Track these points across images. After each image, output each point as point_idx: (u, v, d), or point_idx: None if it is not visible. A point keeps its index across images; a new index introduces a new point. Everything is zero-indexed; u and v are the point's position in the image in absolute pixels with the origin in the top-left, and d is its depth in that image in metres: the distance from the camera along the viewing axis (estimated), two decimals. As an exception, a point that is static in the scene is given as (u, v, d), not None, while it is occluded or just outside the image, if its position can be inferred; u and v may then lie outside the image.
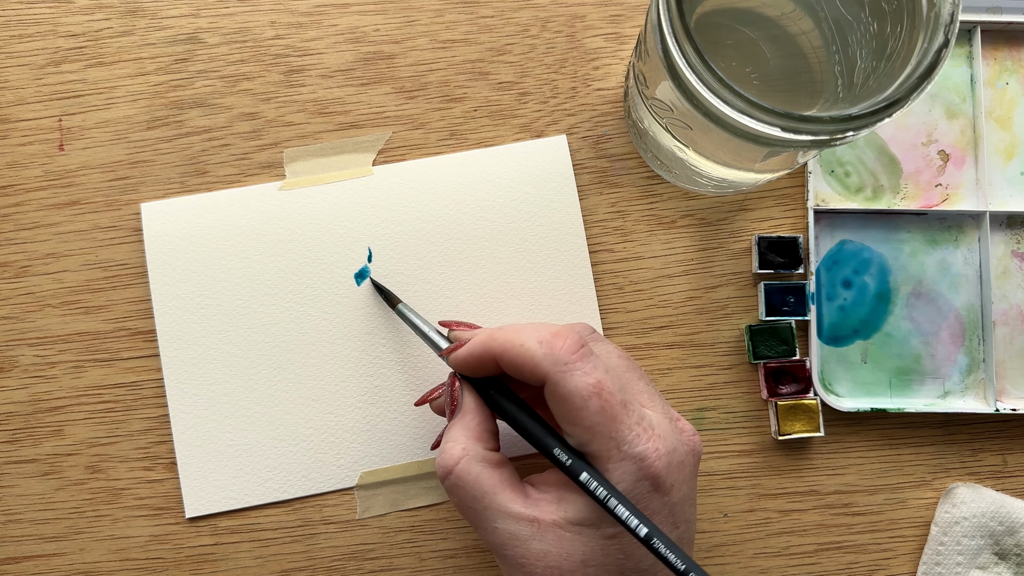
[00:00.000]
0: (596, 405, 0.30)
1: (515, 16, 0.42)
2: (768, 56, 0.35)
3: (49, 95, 0.41)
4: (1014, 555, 0.39)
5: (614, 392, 0.30)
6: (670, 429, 0.32)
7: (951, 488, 0.40)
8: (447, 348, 0.35)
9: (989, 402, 0.40)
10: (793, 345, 0.40)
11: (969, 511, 0.39)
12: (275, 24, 0.41)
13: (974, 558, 0.39)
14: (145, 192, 0.41)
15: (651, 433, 0.31)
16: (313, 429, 0.40)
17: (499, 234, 0.41)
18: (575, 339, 0.31)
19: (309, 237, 0.41)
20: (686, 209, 0.42)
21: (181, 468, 0.39)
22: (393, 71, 0.41)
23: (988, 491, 0.40)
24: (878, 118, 0.29)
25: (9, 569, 0.39)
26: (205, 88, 0.41)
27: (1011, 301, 0.42)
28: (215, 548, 0.40)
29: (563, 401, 0.30)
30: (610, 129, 0.42)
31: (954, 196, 0.42)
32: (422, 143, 0.41)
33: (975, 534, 0.39)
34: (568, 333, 0.31)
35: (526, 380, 0.31)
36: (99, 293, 0.40)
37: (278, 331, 0.40)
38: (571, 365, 0.30)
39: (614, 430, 0.30)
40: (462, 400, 0.34)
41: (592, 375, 0.30)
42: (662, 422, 0.31)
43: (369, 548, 0.40)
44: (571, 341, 0.31)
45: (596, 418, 0.30)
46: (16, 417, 0.40)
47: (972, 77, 0.42)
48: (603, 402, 0.30)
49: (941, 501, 0.40)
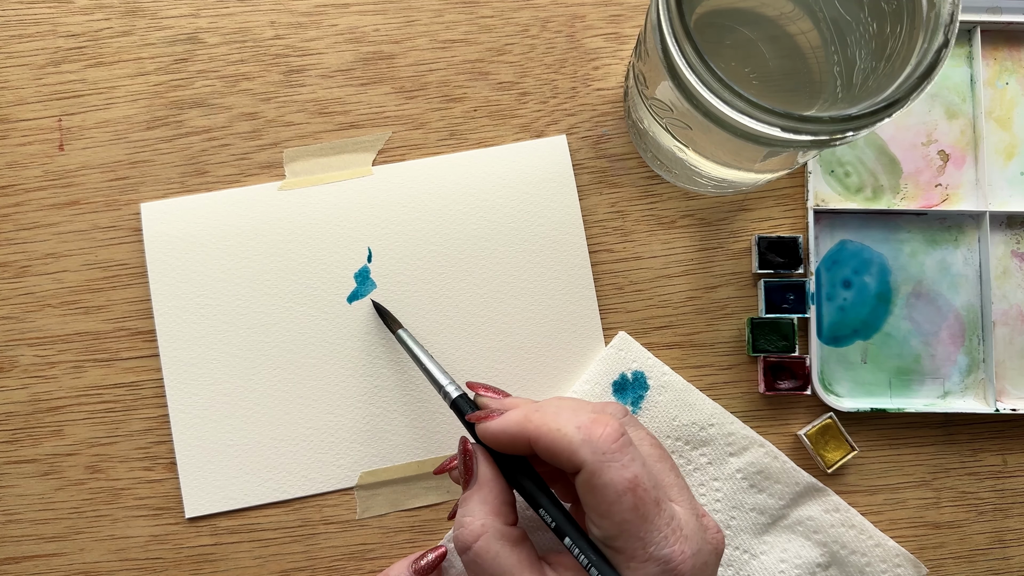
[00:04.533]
0: (630, 502, 0.29)
1: (515, 16, 0.42)
2: (768, 56, 0.35)
3: (49, 95, 0.41)
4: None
5: (648, 489, 0.29)
6: (696, 528, 0.31)
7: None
8: (475, 415, 0.33)
9: (989, 402, 0.40)
10: (793, 341, 0.40)
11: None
12: (275, 24, 0.41)
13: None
14: (145, 192, 0.41)
15: (679, 535, 0.30)
16: (313, 429, 0.40)
17: (499, 234, 0.41)
18: (615, 427, 0.30)
19: (309, 237, 0.41)
20: (686, 209, 0.42)
21: (181, 468, 0.39)
22: (393, 71, 0.41)
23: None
24: (878, 118, 0.29)
25: (9, 569, 0.39)
26: (205, 88, 0.41)
27: (1011, 301, 0.42)
28: (215, 548, 0.40)
29: (596, 492, 0.29)
30: (610, 129, 0.42)
31: (954, 196, 0.42)
32: (422, 143, 0.41)
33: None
34: (608, 419, 0.30)
35: (560, 466, 0.31)
36: (99, 293, 0.40)
37: (278, 331, 0.40)
38: (609, 455, 0.29)
39: (644, 530, 0.29)
40: (478, 470, 0.33)
41: (630, 468, 0.29)
42: (690, 521, 0.31)
43: (369, 548, 0.40)
44: (611, 429, 0.30)
45: (628, 515, 0.29)
46: (16, 417, 0.40)
47: (972, 77, 0.42)
48: (637, 499, 0.29)
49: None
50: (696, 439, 0.40)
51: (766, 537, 0.40)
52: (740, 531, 0.39)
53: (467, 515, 0.32)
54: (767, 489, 0.39)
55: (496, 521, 0.32)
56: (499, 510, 0.32)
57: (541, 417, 0.31)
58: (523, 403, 0.33)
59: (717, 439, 0.40)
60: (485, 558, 0.31)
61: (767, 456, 0.40)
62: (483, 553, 0.31)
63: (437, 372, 0.36)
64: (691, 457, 0.40)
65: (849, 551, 0.39)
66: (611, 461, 0.29)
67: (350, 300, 0.40)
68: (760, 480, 0.39)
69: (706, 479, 0.40)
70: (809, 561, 0.39)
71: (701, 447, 0.40)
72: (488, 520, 0.31)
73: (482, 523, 0.31)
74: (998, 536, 0.41)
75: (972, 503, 0.41)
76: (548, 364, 0.40)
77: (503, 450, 0.32)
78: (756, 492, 0.39)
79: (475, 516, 0.32)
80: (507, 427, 0.32)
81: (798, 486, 0.39)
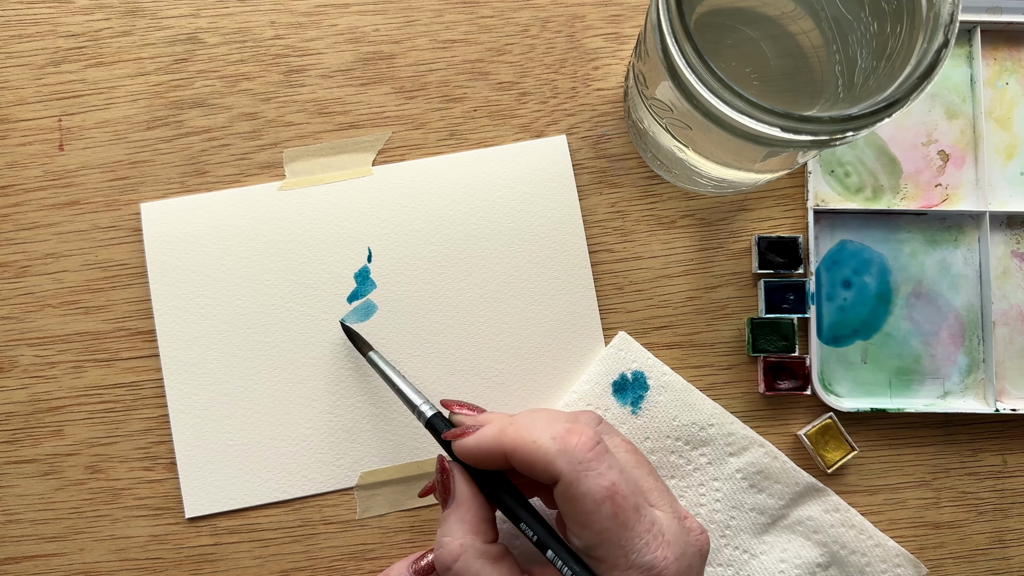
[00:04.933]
0: (608, 510, 0.29)
1: (515, 16, 0.42)
2: (768, 56, 0.35)
3: (49, 95, 0.41)
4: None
5: (627, 496, 0.29)
6: (679, 531, 0.31)
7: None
8: (450, 433, 0.33)
9: (989, 402, 0.40)
10: (793, 341, 0.40)
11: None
12: (275, 24, 0.41)
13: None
14: (145, 192, 0.41)
15: (661, 540, 0.30)
16: (313, 429, 0.40)
17: (499, 234, 0.41)
18: (590, 435, 0.30)
19: (309, 237, 0.41)
20: (686, 209, 0.42)
21: (181, 468, 0.39)
22: (393, 71, 0.41)
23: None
24: (878, 118, 0.29)
25: (9, 569, 0.39)
26: (205, 88, 0.41)
27: (1011, 301, 0.42)
28: (215, 548, 0.40)
29: (574, 502, 0.29)
30: (610, 129, 0.42)
31: (954, 196, 0.42)
32: (422, 143, 0.41)
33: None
34: (582, 428, 0.30)
35: (537, 478, 0.30)
36: (99, 293, 0.40)
37: (278, 331, 0.40)
38: (586, 464, 0.29)
39: (624, 538, 0.29)
40: (455, 489, 0.33)
41: (607, 476, 0.29)
42: (671, 525, 0.31)
43: (369, 548, 0.40)
44: (586, 438, 0.30)
45: (607, 523, 0.29)
46: (16, 417, 0.40)
47: (972, 77, 0.42)
48: (616, 507, 0.29)
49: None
50: (696, 439, 0.40)
51: (766, 537, 0.40)
52: (740, 531, 0.39)
53: (446, 535, 0.32)
54: (767, 489, 0.39)
55: (475, 540, 0.31)
56: (478, 528, 0.32)
57: (516, 430, 0.31)
58: (498, 418, 0.33)
59: (717, 439, 0.40)
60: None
61: (767, 456, 0.40)
62: (463, 573, 0.31)
63: (410, 392, 0.36)
64: (691, 457, 0.40)
65: (849, 551, 0.39)
66: (588, 470, 0.29)
67: (350, 300, 0.40)
68: (760, 480, 0.39)
69: (706, 479, 0.40)
70: (809, 561, 0.39)
71: (701, 447, 0.40)
72: (467, 539, 0.31)
73: (460, 543, 0.31)
74: (998, 536, 0.41)
75: (972, 503, 0.41)
76: (548, 364, 0.40)
77: (480, 466, 0.32)
78: (756, 492, 0.39)
79: (454, 536, 0.31)
80: (482, 442, 0.31)
81: (798, 486, 0.39)
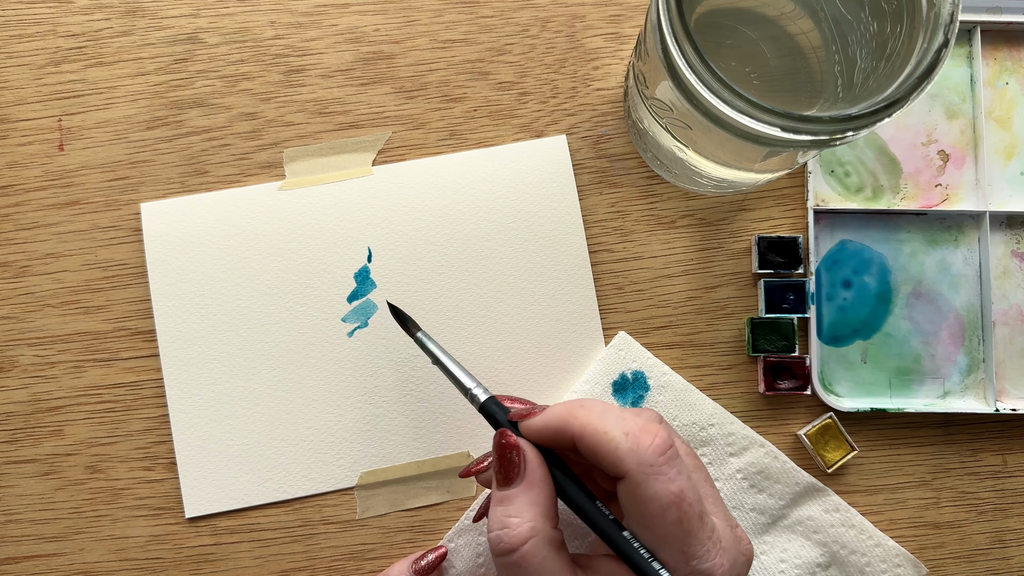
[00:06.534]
0: (674, 516, 0.29)
1: (515, 16, 0.42)
2: (768, 56, 0.35)
3: (49, 95, 0.41)
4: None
5: (693, 504, 0.29)
6: (732, 540, 0.31)
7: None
8: (516, 412, 0.32)
9: (989, 402, 0.40)
10: (793, 341, 0.40)
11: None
12: (275, 24, 0.41)
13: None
14: (145, 192, 0.41)
15: (718, 547, 0.29)
16: (313, 429, 0.40)
17: (499, 234, 0.41)
18: (664, 438, 0.29)
19: (309, 237, 0.41)
20: (686, 209, 0.42)
21: (181, 468, 0.39)
22: (393, 71, 0.41)
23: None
24: (878, 118, 0.29)
25: (9, 569, 0.39)
26: (205, 88, 0.41)
27: (1011, 301, 0.42)
28: (215, 548, 0.40)
29: (640, 503, 0.29)
30: (610, 129, 0.42)
31: (954, 196, 0.42)
32: (422, 143, 0.41)
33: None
34: (656, 429, 0.30)
35: (600, 467, 0.30)
36: (99, 293, 0.40)
37: (278, 331, 0.40)
38: (656, 468, 0.29)
39: (687, 544, 0.29)
40: (526, 468, 0.31)
41: (676, 482, 0.29)
42: (726, 533, 0.31)
43: (369, 548, 0.40)
44: (660, 440, 0.29)
45: (672, 529, 0.29)
46: (16, 417, 0.40)
47: (972, 77, 0.42)
48: (682, 514, 0.29)
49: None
50: (696, 439, 0.40)
51: (766, 537, 0.40)
52: None
53: (513, 516, 0.30)
54: (767, 489, 0.39)
55: (547, 524, 0.30)
56: (549, 512, 0.30)
57: (587, 415, 0.30)
58: (556, 406, 0.32)
59: (717, 439, 0.40)
60: (532, 562, 0.29)
61: (767, 456, 0.40)
62: (530, 557, 0.29)
63: (462, 375, 0.35)
64: None
65: (849, 551, 0.39)
66: (658, 474, 0.29)
67: (350, 300, 0.40)
68: (760, 480, 0.39)
69: None
70: (809, 561, 0.39)
71: (701, 447, 0.40)
72: (539, 523, 0.30)
73: (532, 525, 0.30)
74: (998, 536, 0.41)
75: (972, 503, 0.41)
76: (548, 364, 0.40)
77: (544, 445, 0.31)
78: (756, 492, 0.39)
79: (524, 517, 0.30)
80: (550, 422, 0.31)
81: (798, 486, 0.39)
